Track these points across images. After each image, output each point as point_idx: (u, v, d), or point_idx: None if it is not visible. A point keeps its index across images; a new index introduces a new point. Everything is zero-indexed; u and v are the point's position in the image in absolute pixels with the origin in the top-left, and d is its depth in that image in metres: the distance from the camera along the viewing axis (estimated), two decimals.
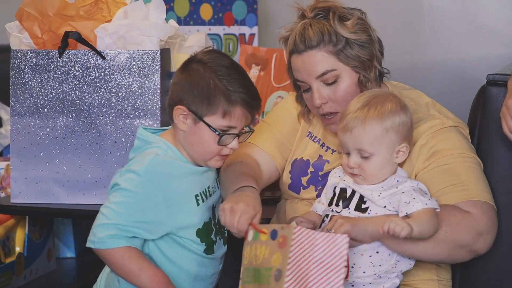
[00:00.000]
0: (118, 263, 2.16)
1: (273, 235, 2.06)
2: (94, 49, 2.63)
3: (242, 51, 3.31)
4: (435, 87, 3.31)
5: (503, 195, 2.38)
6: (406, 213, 2.13)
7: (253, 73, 3.26)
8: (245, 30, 3.45)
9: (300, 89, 2.45)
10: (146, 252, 2.23)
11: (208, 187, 2.28)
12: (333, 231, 2.10)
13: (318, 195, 2.38)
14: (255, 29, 3.46)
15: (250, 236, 2.12)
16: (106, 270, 2.36)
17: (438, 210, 2.17)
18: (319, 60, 2.33)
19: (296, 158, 2.51)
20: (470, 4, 2.92)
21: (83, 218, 3.26)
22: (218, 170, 2.43)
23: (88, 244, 2.18)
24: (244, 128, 2.24)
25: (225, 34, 3.40)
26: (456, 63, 3.36)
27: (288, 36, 2.40)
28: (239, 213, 2.13)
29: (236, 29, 3.43)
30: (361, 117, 2.16)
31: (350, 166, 2.19)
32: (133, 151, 2.29)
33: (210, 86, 2.16)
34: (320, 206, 2.30)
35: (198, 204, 2.23)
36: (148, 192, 2.16)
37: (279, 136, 2.54)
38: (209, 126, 2.17)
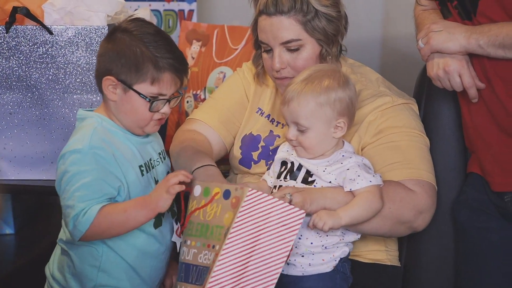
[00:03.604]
0: (106, 224, 2.13)
1: (226, 195, 2.08)
2: (42, 24, 2.62)
3: (183, 27, 3.32)
4: (379, 64, 3.39)
5: (446, 169, 2.47)
6: (350, 189, 2.18)
7: (194, 49, 3.27)
8: (184, 6, 3.46)
9: (260, 48, 2.49)
10: None
11: (151, 159, 2.29)
12: (290, 195, 2.14)
13: (269, 169, 2.42)
14: (194, 5, 3.48)
15: (197, 191, 2.15)
16: (57, 252, 2.35)
17: (381, 186, 2.23)
18: (286, 27, 2.37)
19: (246, 134, 2.55)
20: None
21: (22, 193, 3.26)
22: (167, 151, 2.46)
23: (77, 239, 2.15)
24: (174, 93, 2.24)
25: (165, 10, 3.41)
26: (399, 40, 3.44)
27: None
28: None
29: (175, 5, 3.44)
30: (298, 90, 2.20)
31: (289, 138, 2.24)
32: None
33: (137, 54, 2.16)
34: (269, 178, 2.35)
35: (142, 175, 2.24)
36: (99, 162, 2.15)
37: (225, 111, 2.58)
38: (139, 93, 2.18)
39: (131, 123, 2.23)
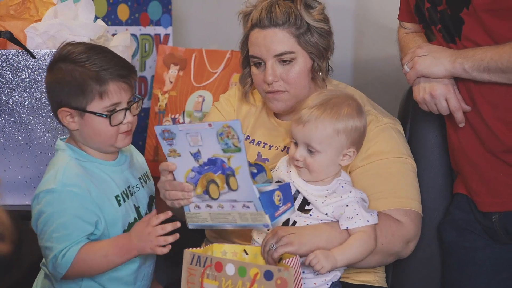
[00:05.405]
0: (86, 264, 2.15)
1: (268, 276, 2.03)
2: (25, 48, 2.61)
3: (160, 51, 3.32)
4: (364, 85, 3.41)
5: (431, 190, 2.50)
6: (347, 227, 2.20)
7: (172, 73, 3.28)
8: (160, 30, 3.47)
9: (248, 66, 2.51)
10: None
11: (128, 187, 2.29)
12: (275, 247, 2.14)
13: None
14: (169, 30, 3.49)
15: (230, 271, 2.08)
16: (40, 276, 2.34)
17: (377, 224, 2.24)
18: (280, 40, 2.40)
19: None
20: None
21: None
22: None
23: (57, 279, 2.21)
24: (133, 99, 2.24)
25: (141, 34, 3.41)
26: (370, 62, 3.46)
27: (250, 11, 2.45)
28: None
29: (151, 30, 3.44)
30: (316, 114, 2.21)
31: (296, 159, 2.24)
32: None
33: (77, 76, 2.17)
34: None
35: (119, 205, 2.24)
36: (74, 200, 2.16)
37: None
38: (94, 113, 2.18)
39: (100, 144, 2.23)
